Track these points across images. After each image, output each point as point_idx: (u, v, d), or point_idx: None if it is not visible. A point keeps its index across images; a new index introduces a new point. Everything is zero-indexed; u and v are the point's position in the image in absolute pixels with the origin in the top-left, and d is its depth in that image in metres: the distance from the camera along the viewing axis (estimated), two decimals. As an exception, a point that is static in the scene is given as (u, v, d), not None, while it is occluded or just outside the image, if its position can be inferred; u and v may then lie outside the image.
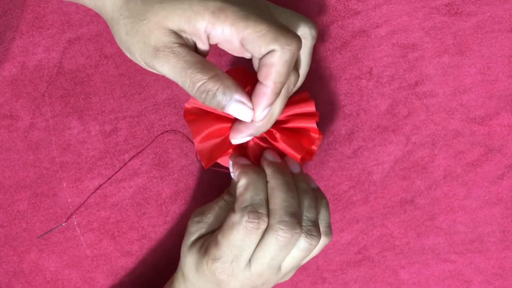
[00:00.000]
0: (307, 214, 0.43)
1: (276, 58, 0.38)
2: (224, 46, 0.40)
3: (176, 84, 0.52)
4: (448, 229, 0.54)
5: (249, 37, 0.37)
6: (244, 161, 0.45)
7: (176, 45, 0.38)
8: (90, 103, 0.52)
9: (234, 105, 0.39)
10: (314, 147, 0.48)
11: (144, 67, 0.41)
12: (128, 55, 0.41)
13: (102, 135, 0.52)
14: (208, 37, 0.39)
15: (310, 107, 0.45)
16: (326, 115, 0.53)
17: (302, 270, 0.54)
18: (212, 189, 0.53)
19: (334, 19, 0.52)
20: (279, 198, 0.42)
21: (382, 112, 0.53)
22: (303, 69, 0.45)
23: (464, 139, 0.54)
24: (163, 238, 0.53)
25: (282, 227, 0.41)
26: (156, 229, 0.53)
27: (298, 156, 0.45)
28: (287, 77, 0.39)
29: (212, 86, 0.38)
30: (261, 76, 0.39)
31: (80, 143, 0.52)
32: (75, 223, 0.52)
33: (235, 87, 0.39)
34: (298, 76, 0.42)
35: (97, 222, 0.52)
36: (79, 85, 0.51)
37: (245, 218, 0.41)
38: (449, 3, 0.52)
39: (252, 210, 0.41)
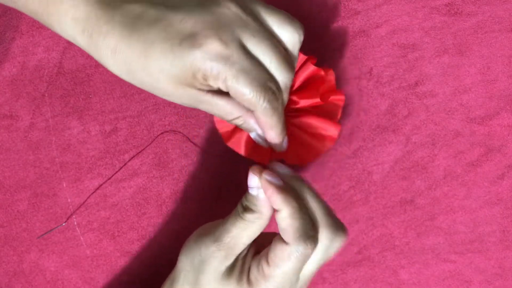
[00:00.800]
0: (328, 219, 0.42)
1: (259, 115, 0.41)
2: None
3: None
4: (448, 229, 0.54)
5: (234, 95, 0.40)
6: (276, 180, 0.41)
7: (201, 96, 0.40)
8: (90, 103, 0.52)
9: (253, 135, 0.45)
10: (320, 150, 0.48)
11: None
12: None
13: (102, 135, 0.52)
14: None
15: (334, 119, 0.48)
16: (326, 115, 0.53)
17: (302, 270, 0.54)
18: (212, 189, 0.53)
19: (334, 19, 0.52)
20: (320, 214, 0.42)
21: (382, 112, 0.53)
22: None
23: (464, 139, 0.54)
24: (163, 238, 0.53)
25: (333, 245, 0.41)
26: (156, 229, 0.53)
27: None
28: (278, 124, 0.42)
29: (241, 123, 0.43)
30: (259, 125, 0.42)
31: (80, 143, 0.52)
32: (75, 223, 0.52)
33: (255, 125, 0.43)
34: (293, 75, 0.42)
35: (97, 222, 0.52)
36: (79, 85, 0.51)
37: (302, 248, 0.39)
38: (449, 3, 0.52)
39: (307, 238, 0.40)
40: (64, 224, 0.52)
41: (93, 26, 0.39)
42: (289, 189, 0.41)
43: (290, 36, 0.41)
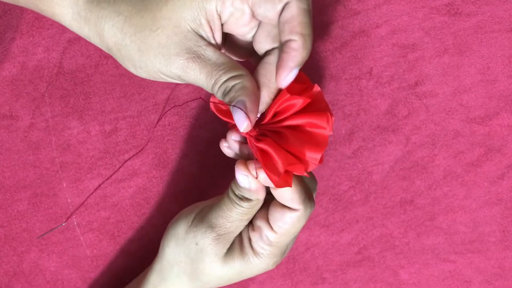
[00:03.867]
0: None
1: (295, 8, 0.37)
2: (235, 29, 0.39)
3: (176, 85, 0.52)
4: (448, 229, 0.54)
5: None
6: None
7: (201, 47, 0.38)
8: (90, 103, 0.52)
9: (239, 105, 0.37)
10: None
11: (159, 80, 0.40)
12: (142, 73, 0.40)
13: (102, 135, 0.52)
14: (221, 20, 0.38)
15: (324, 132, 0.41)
16: (326, 115, 0.53)
17: (302, 270, 0.54)
18: (212, 189, 0.53)
19: (334, 19, 0.52)
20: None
21: (382, 112, 0.53)
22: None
23: (464, 139, 0.54)
24: (163, 238, 0.53)
25: (312, 206, 0.43)
26: (156, 229, 0.53)
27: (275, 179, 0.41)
28: (311, 28, 0.37)
29: (232, 83, 0.38)
30: (285, 35, 0.37)
31: (80, 143, 0.52)
32: (75, 223, 0.52)
33: (251, 91, 0.38)
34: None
35: (97, 222, 0.52)
36: (79, 85, 0.51)
37: (309, 209, 0.41)
38: (449, 3, 0.53)
39: (312, 199, 0.42)
40: (64, 224, 0.52)
41: None
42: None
43: None
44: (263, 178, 0.40)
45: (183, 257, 0.44)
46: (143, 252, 0.53)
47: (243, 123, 0.37)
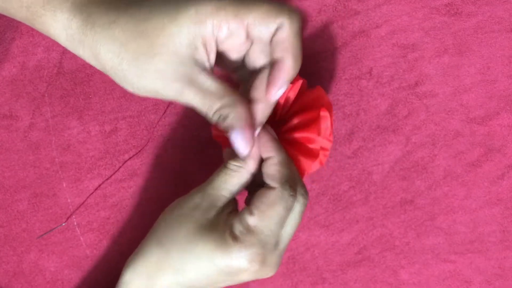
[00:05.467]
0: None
1: (287, 31, 0.39)
2: (229, 49, 0.41)
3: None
4: (448, 229, 0.54)
5: (254, 20, 0.38)
6: (272, 132, 0.43)
7: (196, 73, 0.39)
8: (90, 103, 0.52)
9: (235, 135, 0.41)
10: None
11: (157, 98, 0.41)
12: (140, 93, 0.40)
13: (102, 135, 0.52)
14: (216, 42, 0.39)
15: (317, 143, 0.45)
16: (326, 115, 0.53)
17: (302, 270, 0.54)
18: (212, 189, 0.53)
19: (334, 19, 0.52)
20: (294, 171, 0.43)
21: (382, 112, 0.53)
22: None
23: (464, 139, 0.54)
24: (163, 238, 0.53)
25: (305, 197, 0.42)
26: (156, 229, 0.53)
27: None
28: (301, 50, 0.40)
29: (226, 111, 0.40)
30: (277, 54, 0.40)
31: (80, 143, 0.52)
32: (75, 223, 0.52)
33: (244, 118, 0.40)
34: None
35: (97, 222, 0.52)
36: (79, 85, 0.51)
37: (287, 192, 0.41)
38: (449, 3, 0.53)
39: (293, 185, 0.41)
40: (64, 224, 0.52)
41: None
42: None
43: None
44: (264, 139, 0.42)
45: (161, 229, 0.43)
46: (143, 252, 0.53)
47: (243, 150, 0.41)
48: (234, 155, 0.42)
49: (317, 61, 0.53)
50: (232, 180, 0.42)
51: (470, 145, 0.54)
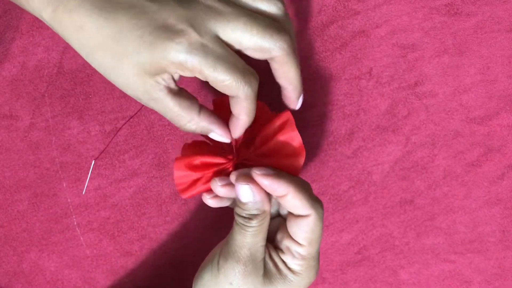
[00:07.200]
0: None
1: (240, 101, 0.40)
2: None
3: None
4: (448, 229, 0.54)
5: (212, 83, 0.39)
6: (268, 170, 0.42)
7: (158, 93, 0.39)
8: (90, 103, 0.52)
9: (213, 135, 0.43)
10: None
11: None
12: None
13: (102, 135, 0.52)
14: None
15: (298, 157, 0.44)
16: (326, 115, 0.53)
17: (302, 270, 0.54)
18: (212, 189, 0.53)
19: (334, 19, 0.52)
20: None
21: (382, 112, 0.53)
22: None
23: (464, 139, 0.54)
24: (163, 238, 0.53)
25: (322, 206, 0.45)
26: (156, 229, 0.53)
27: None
28: (254, 110, 0.41)
29: (194, 128, 0.41)
30: (234, 111, 0.41)
31: (80, 143, 0.52)
32: (75, 223, 0.52)
33: (210, 126, 0.42)
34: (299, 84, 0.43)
35: (97, 222, 0.52)
36: (79, 85, 0.51)
37: (320, 209, 0.42)
38: (449, 3, 0.53)
39: (318, 200, 0.43)
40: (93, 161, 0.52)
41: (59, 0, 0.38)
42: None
43: (268, 7, 0.41)
44: (266, 183, 0.40)
45: None
46: (143, 252, 0.53)
47: (225, 138, 0.43)
48: (250, 214, 0.42)
49: (317, 61, 0.53)
50: (263, 233, 0.42)
51: (470, 145, 0.54)
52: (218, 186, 0.42)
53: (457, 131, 0.54)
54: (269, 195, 0.42)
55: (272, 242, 0.44)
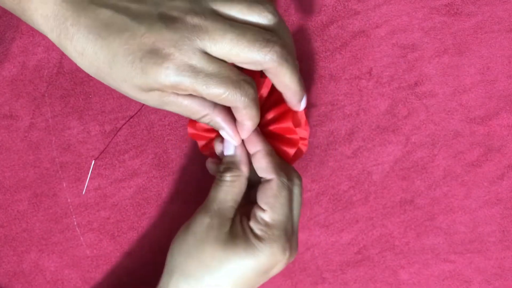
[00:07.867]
0: None
1: (240, 110, 0.41)
2: None
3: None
4: (447, 229, 0.54)
5: (209, 99, 0.40)
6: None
7: (166, 97, 0.40)
8: (90, 103, 0.52)
9: (223, 133, 0.44)
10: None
11: None
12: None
13: (102, 135, 0.52)
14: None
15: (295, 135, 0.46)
16: (326, 115, 0.53)
17: (302, 270, 0.54)
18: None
19: (334, 19, 0.52)
20: None
21: (382, 112, 0.53)
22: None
23: (464, 139, 0.54)
24: (163, 238, 0.53)
25: (299, 178, 0.46)
26: (156, 229, 0.53)
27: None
28: (257, 114, 0.42)
29: (207, 121, 0.43)
30: (237, 118, 0.42)
31: (80, 143, 0.52)
32: (75, 223, 0.52)
33: (223, 124, 0.43)
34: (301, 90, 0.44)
35: (97, 222, 0.52)
36: (79, 85, 0.51)
37: (285, 179, 0.44)
38: (449, 3, 0.53)
39: (285, 173, 0.45)
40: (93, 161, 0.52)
41: (60, 27, 0.39)
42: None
43: (258, 19, 0.41)
44: (247, 135, 0.44)
45: (183, 256, 0.44)
46: (143, 252, 0.53)
47: (232, 143, 0.45)
48: (226, 167, 0.45)
49: (317, 61, 0.53)
50: (234, 191, 0.44)
51: (470, 145, 0.54)
52: (217, 142, 0.46)
53: (457, 131, 0.54)
54: (248, 158, 0.45)
55: (247, 216, 0.45)
